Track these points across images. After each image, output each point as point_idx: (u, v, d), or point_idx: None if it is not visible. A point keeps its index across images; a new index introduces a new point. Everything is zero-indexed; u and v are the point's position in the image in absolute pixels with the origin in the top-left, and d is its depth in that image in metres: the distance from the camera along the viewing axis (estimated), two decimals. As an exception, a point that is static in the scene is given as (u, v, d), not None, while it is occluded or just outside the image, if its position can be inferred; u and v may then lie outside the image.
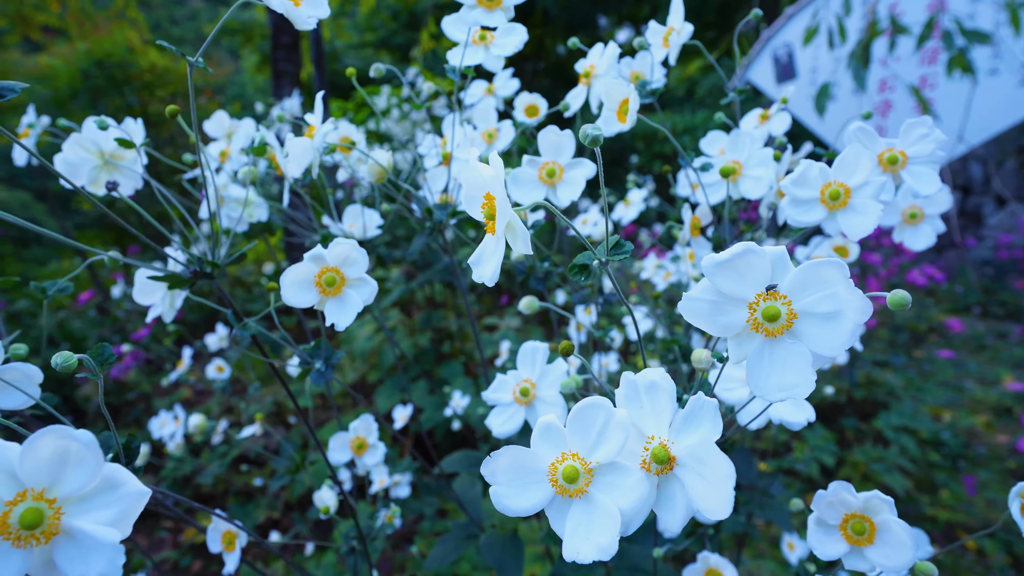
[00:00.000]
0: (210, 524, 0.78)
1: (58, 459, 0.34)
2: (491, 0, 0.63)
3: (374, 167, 0.73)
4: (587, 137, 0.38)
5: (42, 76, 4.69)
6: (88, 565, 0.34)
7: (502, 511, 0.40)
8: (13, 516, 0.33)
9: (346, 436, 0.88)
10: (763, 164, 0.75)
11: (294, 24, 0.57)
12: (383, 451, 0.89)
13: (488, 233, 0.42)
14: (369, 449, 0.88)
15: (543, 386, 0.64)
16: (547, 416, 0.42)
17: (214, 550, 0.79)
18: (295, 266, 0.56)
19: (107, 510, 0.35)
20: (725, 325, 0.42)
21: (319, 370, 0.71)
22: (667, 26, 0.76)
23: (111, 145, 0.77)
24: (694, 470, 0.38)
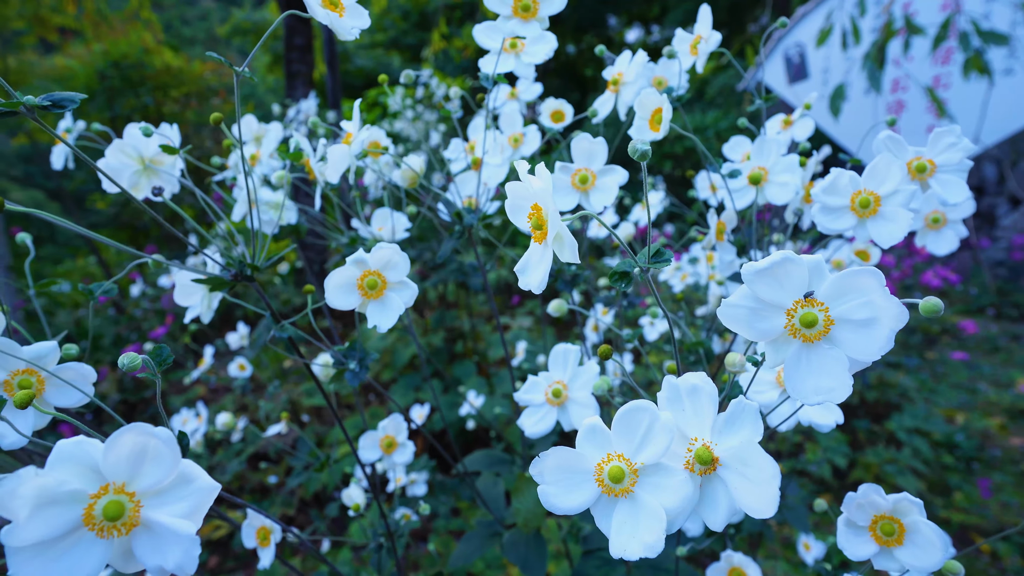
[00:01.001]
0: (245, 520, 0.80)
1: (137, 455, 0.36)
2: (527, 11, 0.65)
3: (407, 172, 0.74)
4: (636, 152, 0.40)
5: (59, 77, 4.75)
6: (165, 556, 0.36)
7: (550, 509, 0.41)
8: (97, 508, 0.35)
9: (376, 435, 0.90)
10: (789, 170, 0.76)
11: (337, 35, 0.58)
12: (412, 449, 0.91)
13: (535, 242, 0.44)
14: (398, 447, 0.90)
15: (575, 387, 0.65)
16: (592, 418, 0.43)
17: (249, 545, 0.80)
18: (338, 270, 0.57)
19: (181, 503, 0.37)
20: (763, 331, 0.43)
21: (353, 370, 0.73)
22: (695, 34, 0.78)
23: (151, 150, 0.79)
24: (737, 471, 0.39)
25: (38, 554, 0.34)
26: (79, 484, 0.35)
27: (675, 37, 0.80)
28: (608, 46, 2.71)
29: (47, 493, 0.34)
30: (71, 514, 0.35)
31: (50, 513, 0.34)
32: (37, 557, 0.34)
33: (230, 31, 8.46)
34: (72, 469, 0.35)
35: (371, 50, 8.78)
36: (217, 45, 13.05)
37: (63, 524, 0.35)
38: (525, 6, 0.64)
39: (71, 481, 0.35)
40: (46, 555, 0.34)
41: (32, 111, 0.53)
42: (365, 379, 0.74)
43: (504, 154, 0.80)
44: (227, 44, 13.01)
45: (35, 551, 0.34)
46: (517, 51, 0.73)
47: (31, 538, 0.34)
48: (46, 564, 0.34)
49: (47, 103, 0.53)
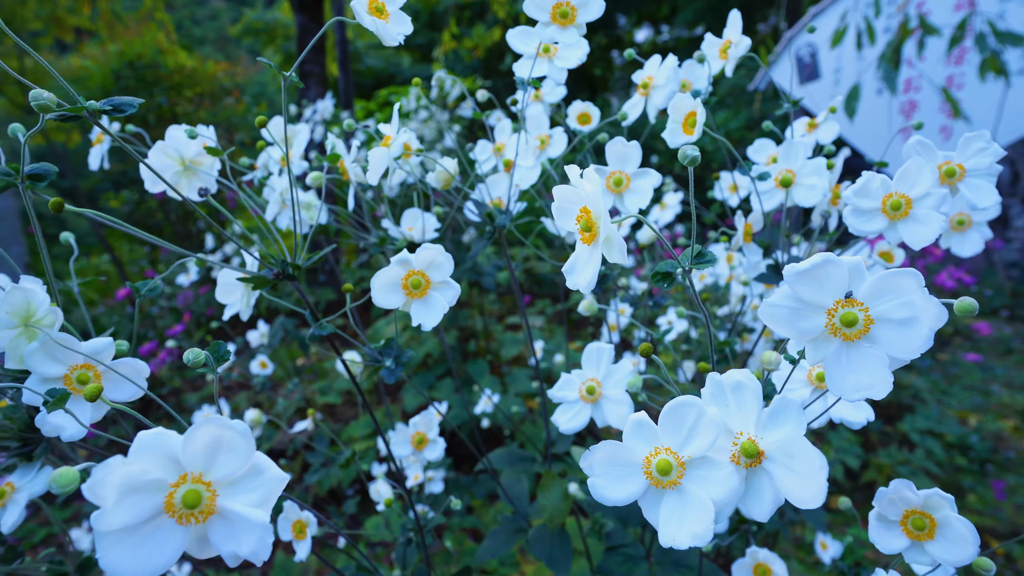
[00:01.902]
0: (280, 513, 0.82)
1: (214, 446, 0.38)
2: (565, 17, 0.66)
3: (441, 173, 0.76)
4: (686, 157, 0.41)
5: (75, 77, 4.80)
6: (239, 543, 0.38)
7: (600, 500, 0.43)
8: (176, 496, 0.37)
9: (407, 431, 0.92)
10: (816, 173, 0.77)
11: (383, 41, 0.60)
12: (443, 446, 0.92)
13: (583, 243, 0.46)
14: (429, 444, 0.92)
15: (609, 385, 0.67)
16: (638, 413, 0.45)
17: (285, 538, 0.82)
18: (384, 270, 0.59)
19: (253, 493, 0.39)
20: (804, 330, 0.45)
21: (389, 367, 0.75)
22: (724, 38, 0.79)
23: (191, 152, 0.81)
24: (783, 464, 0.41)
25: (123, 538, 0.36)
26: (160, 473, 0.37)
27: (704, 41, 0.82)
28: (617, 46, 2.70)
29: (131, 481, 0.36)
30: (153, 501, 0.37)
31: (134, 500, 0.36)
32: (123, 541, 0.36)
33: (242, 31, 8.52)
34: (153, 459, 0.37)
35: (381, 50, 8.82)
36: (227, 44, 13.13)
37: (146, 511, 0.36)
38: (563, 12, 0.66)
39: (153, 470, 0.37)
40: (130, 539, 0.36)
41: (93, 115, 0.55)
42: (399, 376, 0.76)
43: (535, 156, 0.81)
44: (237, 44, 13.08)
45: (121, 535, 0.36)
46: (550, 55, 0.75)
47: (117, 523, 0.36)
48: (131, 548, 0.36)
49: (108, 107, 0.55)
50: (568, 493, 1.02)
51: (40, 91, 0.50)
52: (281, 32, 8.20)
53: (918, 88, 4.57)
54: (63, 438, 0.57)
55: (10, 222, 3.29)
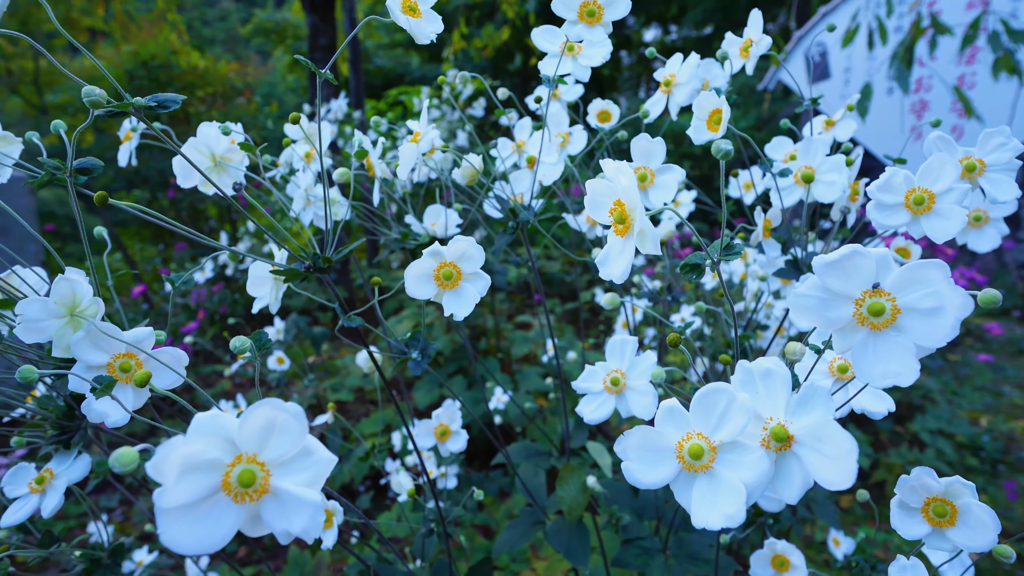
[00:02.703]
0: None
1: (267, 427, 0.39)
2: (592, 16, 0.68)
3: (467, 169, 0.78)
4: (719, 151, 0.43)
5: (89, 78, 4.85)
6: (291, 521, 0.39)
7: (633, 484, 0.44)
8: (232, 476, 0.39)
9: (430, 423, 0.93)
10: (835, 169, 0.79)
11: (415, 39, 0.62)
12: (465, 437, 0.94)
13: (616, 235, 0.47)
14: (452, 436, 0.93)
15: (633, 376, 0.68)
16: (670, 400, 0.46)
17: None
18: (416, 261, 0.61)
19: (304, 474, 0.40)
20: (832, 319, 0.46)
21: (415, 359, 0.77)
22: (745, 37, 0.80)
23: (221, 148, 0.83)
24: (813, 447, 0.42)
25: (183, 515, 0.38)
26: (217, 453, 0.39)
27: (725, 40, 0.83)
28: (625, 46, 2.71)
29: (190, 461, 0.38)
30: (211, 480, 0.38)
31: (193, 479, 0.38)
32: (182, 518, 0.38)
33: (252, 31, 8.58)
34: (210, 440, 0.38)
35: (390, 50, 8.86)
36: (237, 45, 13.20)
37: (204, 489, 0.38)
38: (590, 12, 0.68)
39: (210, 451, 0.38)
40: (189, 516, 0.38)
41: (140, 111, 0.56)
42: (425, 368, 0.78)
43: (558, 153, 0.83)
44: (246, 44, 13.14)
45: (180, 512, 0.38)
46: (574, 54, 0.76)
47: (177, 500, 0.37)
48: (189, 524, 0.38)
49: (153, 103, 0.56)
50: (586, 486, 1.03)
51: (92, 88, 0.52)
52: (291, 32, 8.26)
53: (929, 87, 4.56)
54: (107, 424, 0.59)
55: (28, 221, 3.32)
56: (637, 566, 1.06)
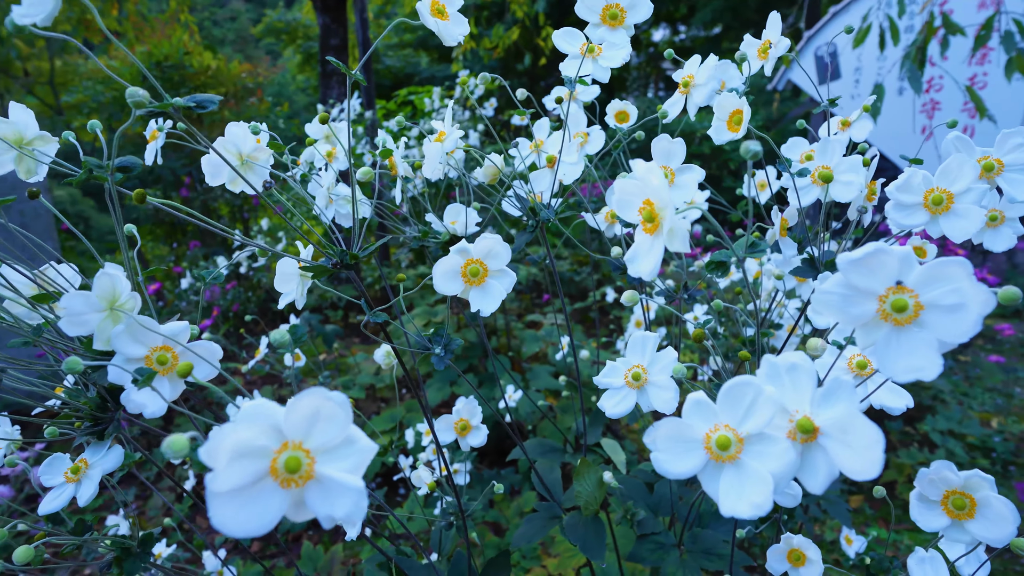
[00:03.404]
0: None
1: (313, 415, 0.41)
2: (614, 19, 0.69)
3: (490, 168, 0.79)
4: (748, 151, 0.44)
5: (104, 78, 4.89)
6: (334, 506, 0.41)
7: (663, 474, 0.46)
8: (279, 462, 0.40)
9: (451, 418, 0.95)
10: (853, 169, 0.80)
11: (443, 40, 0.63)
12: (485, 432, 0.95)
13: (646, 233, 0.48)
14: (473, 431, 0.95)
15: (654, 371, 0.70)
16: (697, 393, 0.48)
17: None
18: (444, 258, 0.62)
19: (347, 461, 0.42)
20: (855, 315, 0.47)
21: (439, 355, 0.78)
22: (763, 39, 0.81)
23: (248, 147, 0.85)
24: (838, 439, 0.43)
25: (232, 499, 0.39)
26: (265, 440, 0.40)
27: (744, 41, 0.84)
28: (634, 45, 2.73)
29: (240, 447, 0.39)
30: (259, 466, 0.40)
31: (242, 464, 0.39)
32: (231, 502, 0.39)
33: (264, 31, 8.65)
34: (258, 427, 0.40)
35: (400, 50, 8.91)
36: (247, 45, 13.28)
37: (252, 474, 0.40)
38: (613, 14, 0.69)
39: (259, 437, 0.40)
40: (238, 500, 0.40)
41: (179, 111, 0.58)
42: (448, 363, 0.79)
43: (578, 153, 0.84)
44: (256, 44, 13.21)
45: (230, 496, 0.39)
46: (594, 55, 0.78)
47: (227, 485, 0.39)
48: (238, 508, 0.40)
49: (192, 103, 0.58)
50: (603, 481, 1.05)
51: (135, 89, 0.54)
52: (301, 32, 8.32)
53: (939, 88, 4.55)
54: (145, 414, 0.60)
55: (44, 219, 3.37)
56: (652, 561, 1.08)
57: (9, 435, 0.87)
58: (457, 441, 0.93)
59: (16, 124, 0.72)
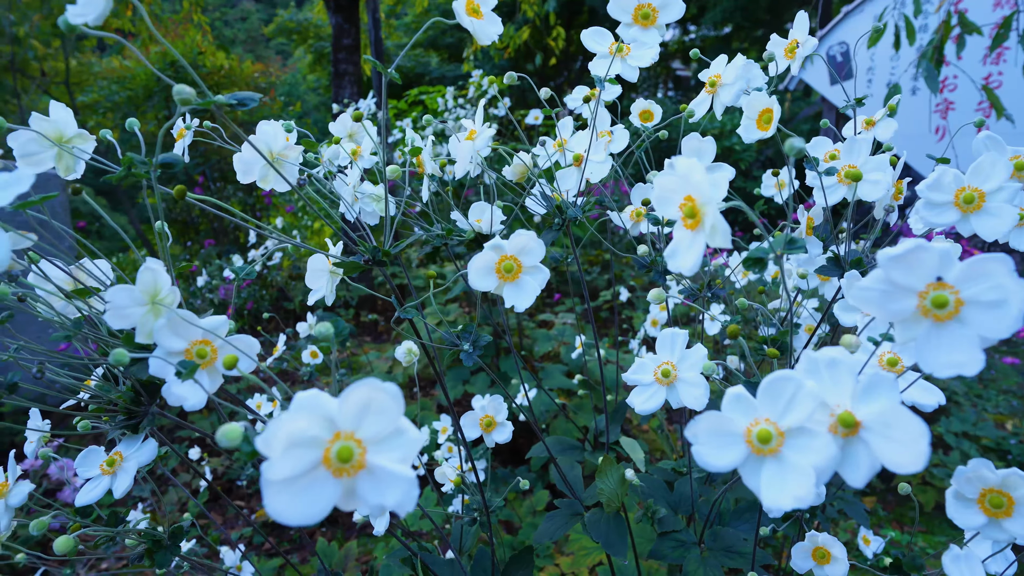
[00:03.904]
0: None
1: (365, 406, 0.42)
2: (646, 19, 0.70)
3: (519, 166, 0.80)
4: (792, 149, 0.45)
5: (119, 78, 4.93)
6: (385, 495, 0.42)
7: (703, 467, 0.46)
8: (332, 452, 0.41)
9: (476, 415, 0.96)
10: (880, 168, 0.80)
11: (478, 40, 0.64)
12: (510, 429, 0.96)
13: (686, 229, 0.49)
14: (498, 427, 0.96)
15: (684, 368, 0.70)
16: (736, 387, 0.48)
17: (363, 512, 0.87)
18: (479, 255, 0.63)
19: (397, 451, 0.43)
20: (894, 311, 0.48)
21: (467, 351, 0.79)
22: (790, 39, 0.82)
23: (278, 145, 0.86)
24: (881, 433, 0.44)
25: (286, 488, 0.40)
26: (317, 431, 0.41)
27: (770, 41, 0.85)
28: None
29: (295, 436, 0.40)
30: (312, 456, 0.41)
31: (296, 453, 0.40)
32: (285, 490, 0.40)
33: (275, 31, 8.71)
34: (310, 417, 0.41)
35: (411, 50, 8.93)
36: (257, 45, 13.35)
37: (306, 463, 0.41)
38: (645, 14, 0.70)
39: (312, 428, 0.41)
40: (292, 488, 0.41)
41: (220, 109, 0.59)
42: (477, 360, 0.80)
43: (605, 152, 0.85)
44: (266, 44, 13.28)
45: (284, 485, 0.40)
46: (623, 55, 0.78)
47: (282, 474, 0.40)
48: (292, 496, 0.40)
49: (233, 101, 0.59)
50: (625, 479, 1.05)
51: (182, 87, 0.55)
52: (312, 32, 8.38)
53: (953, 88, 4.52)
54: (186, 407, 0.62)
55: (61, 217, 3.40)
56: (673, 558, 1.08)
57: (40, 428, 0.89)
58: (482, 438, 0.94)
59: (57, 122, 0.74)
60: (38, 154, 0.72)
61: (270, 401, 1.75)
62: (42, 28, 4.43)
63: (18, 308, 0.73)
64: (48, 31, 4.52)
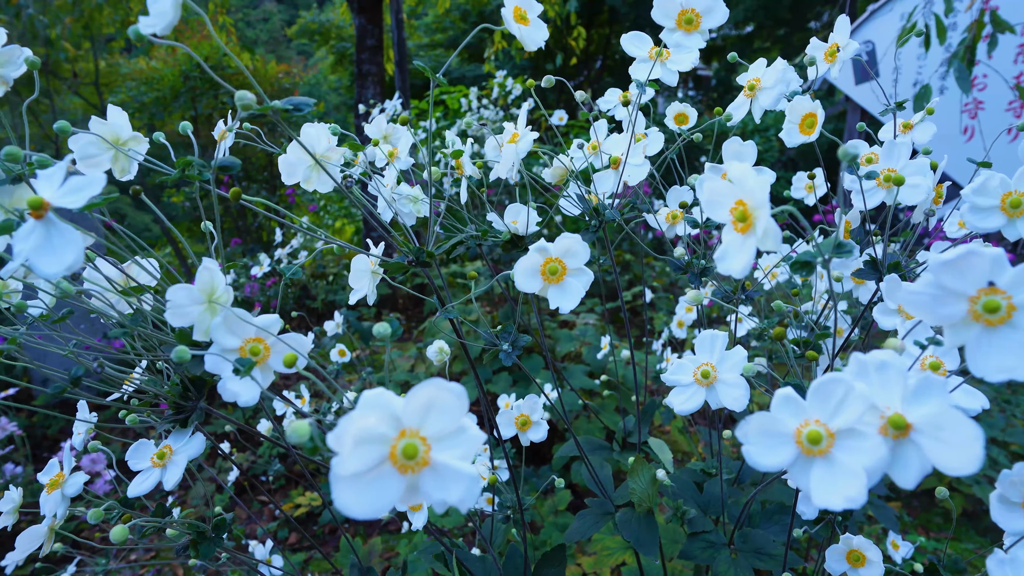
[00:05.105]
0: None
1: (429, 405, 0.43)
2: (690, 24, 0.71)
3: (559, 168, 0.81)
4: (847, 155, 0.45)
5: (147, 79, 5.02)
6: (448, 491, 0.43)
7: (754, 466, 0.47)
8: (398, 449, 0.42)
9: (511, 413, 0.97)
10: (920, 172, 0.80)
11: (525, 46, 0.65)
12: (546, 428, 0.97)
13: (736, 233, 0.50)
14: (533, 426, 0.97)
15: (723, 369, 0.71)
16: (785, 389, 0.49)
17: (401, 508, 0.88)
18: (525, 257, 0.64)
19: (458, 449, 0.44)
20: (945, 315, 0.48)
21: (506, 351, 0.80)
22: (831, 42, 0.82)
23: (322, 147, 0.88)
24: (932, 435, 0.44)
25: (354, 482, 0.42)
26: (384, 428, 0.43)
27: (810, 44, 0.85)
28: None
29: (363, 433, 0.42)
30: (379, 452, 0.42)
31: (365, 449, 0.42)
32: (353, 485, 0.42)
33: (298, 32, 8.81)
34: (378, 414, 0.42)
35: (431, 50, 8.99)
36: (279, 46, 13.49)
37: (373, 459, 0.42)
38: (688, 19, 0.70)
39: (380, 425, 0.42)
40: (359, 483, 0.42)
41: (277, 113, 0.61)
42: (515, 360, 0.81)
43: (643, 155, 0.86)
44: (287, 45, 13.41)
45: (352, 480, 0.42)
46: (662, 59, 0.79)
47: (350, 469, 0.42)
48: (359, 491, 0.42)
49: (289, 106, 0.61)
50: (656, 478, 1.06)
51: (244, 92, 0.57)
52: (334, 33, 8.46)
53: (983, 87, 4.45)
54: (239, 403, 0.63)
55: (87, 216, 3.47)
56: (703, 559, 1.08)
57: (87, 420, 0.92)
58: (516, 436, 0.95)
59: (113, 125, 0.76)
60: (96, 156, 0.75)
61: (298, 398, 1.78)
62: (73, 30, 4.53)
63: (75, 305, 0.76)
64: (79, 33, 4.62)
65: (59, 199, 0.52)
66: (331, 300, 4.10)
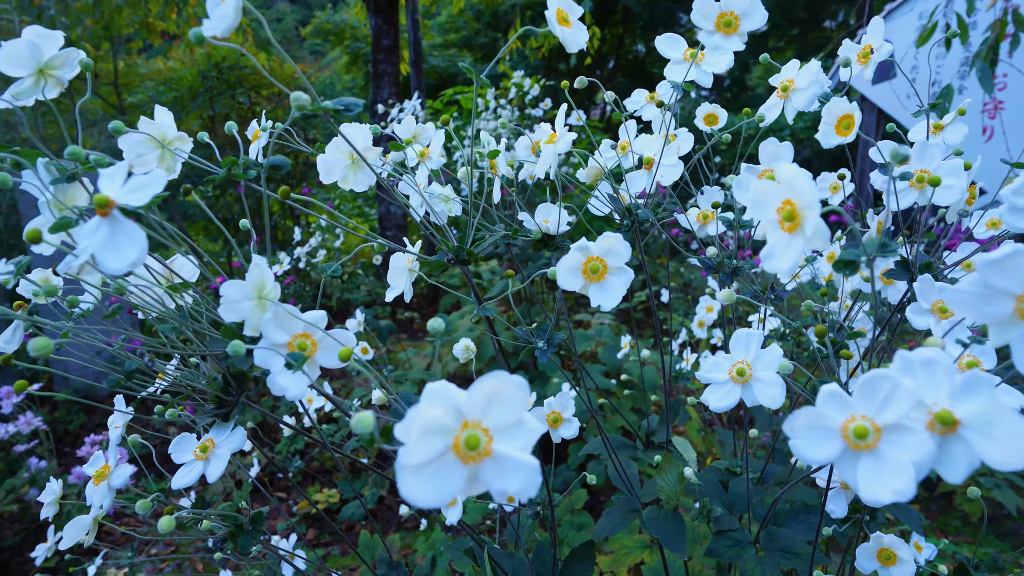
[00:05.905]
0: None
1: (491, 397, 0.44)
2: (728, 26, 0.72)
3: (593, 168, 0.82)
4: (898, 156, 0.46)
5: (166, 79, 5.08)
6: (509, 482, 0.44)
7: (801, 460, 0.48)
8: (461, 439, 0.44)
9: (543, 411, 0.98)
10: (954, 173, 0.80)
11: (567, 47, 0.67)
12: (577, 425, 0.99)
13: (783, 232, 0.51)
14: (564, 423, 0.98)
15: (759, 367, 0.72)
16: (830, 385, 0.50)
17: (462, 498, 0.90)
18: (566, 256, 0.66)
19: (518, 440, 0.45)
20: (990, 314, 0.49)
21: (541, 348, 0.82)
22: (863, 44, 0.83)
23: (360, 146, 0.90)
24: (981, 431, 0.45)
25: (418, 472, 0.43)
26: (448, 420, 0.44)
27: (842, 46, 0.85)
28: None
29: (428, 424, 0.43)
30: (443, 443, 0.44)
31: (429, 440, 0.43)
32: (418, 475, 0.43)
33: (312, 32, 8.88)
34: (442, 406, 0.44)
35: (444, 50, 9.02)
36: (292, 46, 13.57)
37: (437, 450, 0.44)
38: (728, 22, 0.71)
39: (444, 416, 0.44)
40: (424, 473, 0.43)
41: (327, 114, 0.63)
42: (550, 357, 0.83)
43: (676, 155, 0.87)
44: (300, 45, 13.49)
45: (417, 470, 0.43)
46: (697, 61, 0.80)
47: (416, 459, 0.43)
48: (424, 480, 0.43)
49: (340, 107, 0.63)
50: (683, 476, 1.07)
51: (299, 93, 0.58)
52: (349, 33, 8.51)
53: (1003, 86, 4.42)
54: (288, 396, 0.65)
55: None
56: (730, 557, 1.09)
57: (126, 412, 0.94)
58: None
59: (160, 125, 0.78)
60: (145, 155, 0.77)
61: (321, 395, 1.80)
62: (94, 31, 4.59)
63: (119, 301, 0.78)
64: (99, 34, 4.68)
65: (123, 197, 0.54)
66: (346, 299, 4.13)
